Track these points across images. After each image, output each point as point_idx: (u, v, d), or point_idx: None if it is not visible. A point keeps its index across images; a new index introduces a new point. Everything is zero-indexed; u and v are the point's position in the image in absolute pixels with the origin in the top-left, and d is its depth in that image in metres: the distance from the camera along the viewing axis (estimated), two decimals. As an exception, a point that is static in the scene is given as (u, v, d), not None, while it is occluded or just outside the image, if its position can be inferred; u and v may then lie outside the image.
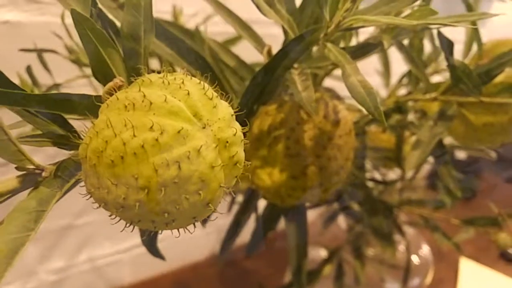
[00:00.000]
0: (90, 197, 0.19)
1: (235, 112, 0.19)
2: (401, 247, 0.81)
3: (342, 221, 0.85)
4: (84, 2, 0.25)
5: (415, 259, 0.84)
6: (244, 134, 0.19)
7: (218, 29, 0.65)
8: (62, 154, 0.55)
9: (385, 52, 0.62)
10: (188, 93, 0.17)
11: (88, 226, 0.82)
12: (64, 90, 0.50)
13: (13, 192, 0.16)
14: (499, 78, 0.38)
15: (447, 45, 0.32)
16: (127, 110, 0.16)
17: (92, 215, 0.81)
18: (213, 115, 0.17)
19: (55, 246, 0.79)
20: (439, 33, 0.32)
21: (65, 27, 0.43)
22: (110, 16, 0.27)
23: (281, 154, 0.31)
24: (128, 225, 0.18)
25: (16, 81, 0.22)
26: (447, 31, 0.74)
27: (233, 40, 0.55)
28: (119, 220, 0.18)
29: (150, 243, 0.30)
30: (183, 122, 0.16)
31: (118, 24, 0.25)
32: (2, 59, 0.37)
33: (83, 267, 0.85)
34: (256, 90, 0.27)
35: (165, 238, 0.98)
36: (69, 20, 0.46)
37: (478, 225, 0.65)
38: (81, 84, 0.48)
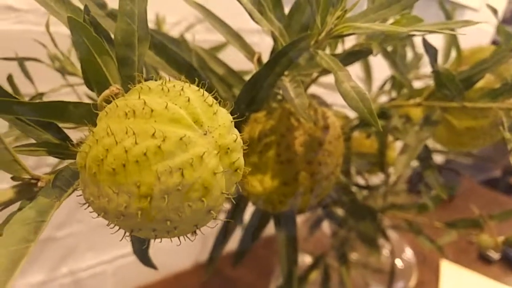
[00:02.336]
0: (84, 206, 0.19)
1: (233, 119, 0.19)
2: (385, 251, 0.82)
3: (326, 227, 0.85)
4: (72, 10, 0.24)
5: (398, 263, 0.85)
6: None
7: (200, 37, 0.65)
8: (45, 165, 0.54)
9: (366, 59, 0.63)
10: (188, 100, 0.17)
11: (69, 238, 0.80)
12: (48, 99, 0.49)
13: (9, 203, 0.16)
14: (480, 84, 0.40)
15: (432, 52, 0.33)
16: (127, 117, 0.16)
17: (74, 226, 0.79)
18: (213, 121, 0.17)
19: (34, 259, 0.77)
20: (424, 40, 0.33)
21: (49, 35, 0.43)
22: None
23: (272, 160, 0.32)
24: (127, 234, 0.17)
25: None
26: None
27: (217, 48, 0.55)
28: (115, 227, 0.18)
29: (142, 252, 0.29)
30: (185, 129, 0.16)
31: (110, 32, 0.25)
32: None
33: (64, 280, 0.83)
34: (248, 97, 0.27)
35: (149, 248, 0.95)
36: (53, 28, 0.45)
37: (460, 227, 0.67)
38: (65, 93, 0.47)
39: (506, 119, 0.32)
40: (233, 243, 0.49)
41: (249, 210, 0.50)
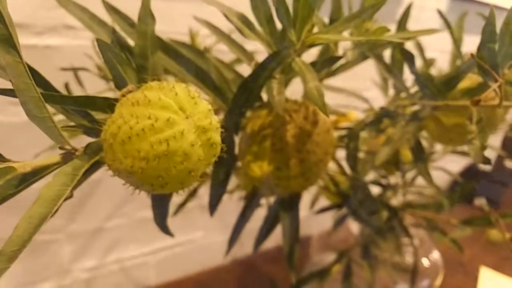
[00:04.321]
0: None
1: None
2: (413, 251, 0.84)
3: (355, 228, 0.90)
4: (107, 30, 0.32)
5: (425, 262, 0.87)
6: (222, 126, 0.26)
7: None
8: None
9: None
10: (176, 94, 0.24)
11: (117, 229, 0.88)
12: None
13: (57, 165, 0.24)
14: (466, 84, 0.44)
15: (408, 57, 0.38)
16: (133, 105, 0.23)
17: (120, 219, 0.88)
18: (194, 109, 0.24)
19: (87, 247, 0.86)
20: (401, 47, 0.38)
21: (95, 49, 0.52)
22: (129, 40, 0.35)
23: (268, 149, 0.38)
24: (134, 189, 0.25)
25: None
26: (439, 43, 0.80)
27: (240, 60, 0.62)
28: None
29: (161, 222, 0.37)
30: (172, 113, 0.23)
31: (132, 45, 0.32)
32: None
33: (112, 267, 0.91)
34: (244, 96, 0.34)
35: (189, 243, 1.05)
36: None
37: (475, 224, 0.69)
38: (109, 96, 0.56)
39: (476, 114, 0.36)
40: (269, 242, 0.54)
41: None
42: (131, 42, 0.35)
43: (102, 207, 0.84)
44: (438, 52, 0.85)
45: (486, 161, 0.31)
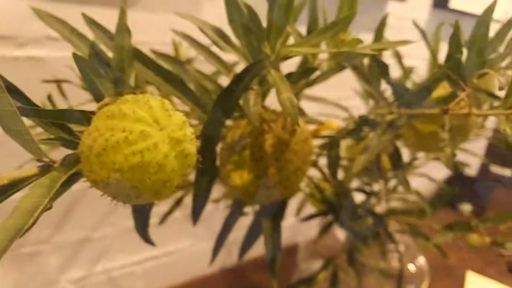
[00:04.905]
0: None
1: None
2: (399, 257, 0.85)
3: (342, 235, 0.90)
4: (86, 43, 0.33)
5: (411, 267, 0.88)
6: (200, 136, 0.27)
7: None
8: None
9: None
10: (151, 107, 0.25)
11: (104, 239, 0.88)
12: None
13: (35, 177, 0.24)
14: (440, 92, 0.45)
15: (383, 67, 0.39)
16: (108, 118, 0.24)
17: (108, 229, 0.87)
18: (168, 121, 0.25)
19: (74, 257, 0.86)
20: (375, 58, 0.40)
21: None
22: (109, 53, 0.36)
23: (247, 158, 0.39)
24: (112, 200, 0.25)
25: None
26: (421, 51, 0.81)
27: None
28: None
29: (142, 231, 0.37)
30: (146, 126, 0.24)
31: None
32: (28, 89, 0.47)
33: (99, 277, 0.91)
34: (221, 107, 0.35)
35: (177, 252, 1.05)
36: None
37: (457, 229, 0.71)
38: (91, 107, 0.56)
39: (448, 122, 0.38)
40: (257, 250, 0.54)
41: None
42: (111, 55, 0.35)
43: (88, 217, 0.84)
44: (421, 60, 0.87)
45: (456, 168, 0.32)
